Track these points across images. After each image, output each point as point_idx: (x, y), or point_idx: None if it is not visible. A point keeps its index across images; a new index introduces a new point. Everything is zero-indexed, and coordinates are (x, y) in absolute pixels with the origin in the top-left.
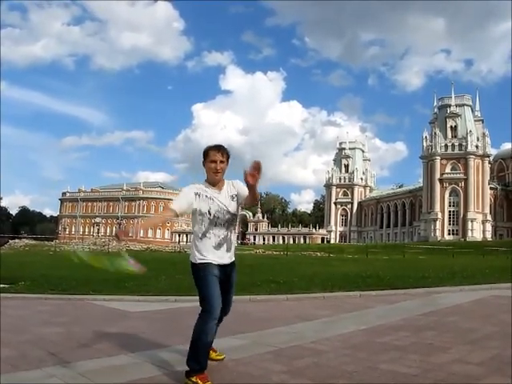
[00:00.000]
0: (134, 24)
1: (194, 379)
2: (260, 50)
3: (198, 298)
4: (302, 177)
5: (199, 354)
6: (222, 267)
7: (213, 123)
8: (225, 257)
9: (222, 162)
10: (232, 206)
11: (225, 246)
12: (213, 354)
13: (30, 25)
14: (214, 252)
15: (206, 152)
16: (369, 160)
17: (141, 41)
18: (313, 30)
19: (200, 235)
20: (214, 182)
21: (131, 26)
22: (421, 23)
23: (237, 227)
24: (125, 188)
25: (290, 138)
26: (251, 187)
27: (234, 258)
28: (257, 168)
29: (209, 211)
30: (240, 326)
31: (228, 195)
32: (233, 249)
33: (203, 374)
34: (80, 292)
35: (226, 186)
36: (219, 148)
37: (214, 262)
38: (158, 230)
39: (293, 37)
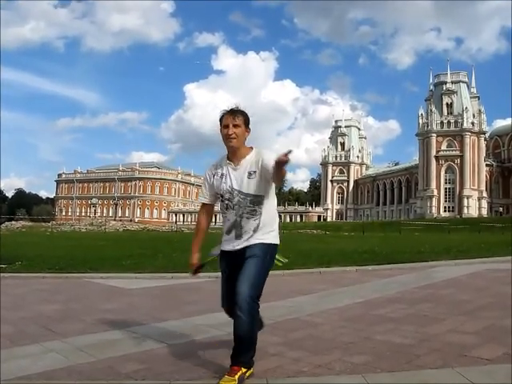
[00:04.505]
0: (122, 6)
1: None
2: (249, 31)
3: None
4: (295, 156)
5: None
6: (232, 254)
7: (205, 103)
8: (233, 244)
9: (235, 125)
10: (246, 185)
11: (233, 232)
12: None
13: (17, 7)
14: (225, 237)
15: (220, 119)
16: (365, 138)
17: (130, 23)
18: (301, 9)
19: (222, 218)
20: (230, 151)
21: (119, 7)
22: (408, 1)
23: (265, 210)
24: (120, 169)
25: (283, 117)
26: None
27: (250, 243)
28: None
29: (221, 193)
30: None
31: (246, 171)
32: (248, 235)
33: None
34: (77, 270)
35: (248, 158)
36: (231, 110)
37: (222, 249)
38: (155, 211)
39: (282, 17)
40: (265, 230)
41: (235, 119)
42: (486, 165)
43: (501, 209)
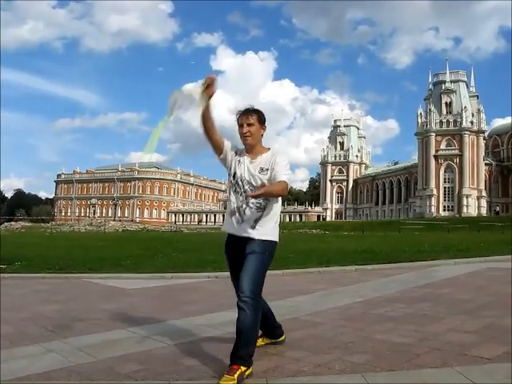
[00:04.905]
0: (121, 6)
1: None
2: (248, 31)
3: (193, 274)
4: (294, 156)
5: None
6: (235, 239)
7: None
8: (237, 228)
9: (249, 124)
10: (256, 179)
11: (236, 215)
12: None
13: (15, 7)
14: (229, 218)
15: (237, 119)
16: (364, 137)
17: (128, 23)
18: (300, 9)
19: (227, 199)
20: (247, 148)
21: (118, 8)
22: (406, 1)
23: (270, 205)
24: (120, 169)
25: (282, 116)
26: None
27: (256, 237)
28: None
29: (234, 174)
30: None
31: (259, 166)
32: (249, 224)
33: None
34: (77, 271)
35: (264, 155)
36: (246, 110)
37: (226, 230)
38: (154, 211)
39: (280, 17)
40: (266, 225)
41: (249, 118)
42: (486, 164)
43: (497, 208)
